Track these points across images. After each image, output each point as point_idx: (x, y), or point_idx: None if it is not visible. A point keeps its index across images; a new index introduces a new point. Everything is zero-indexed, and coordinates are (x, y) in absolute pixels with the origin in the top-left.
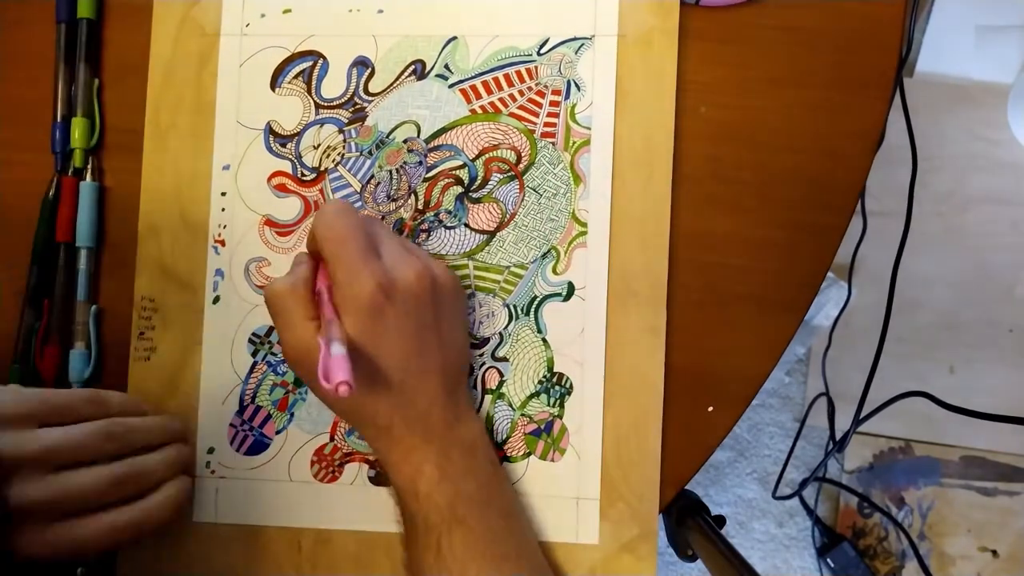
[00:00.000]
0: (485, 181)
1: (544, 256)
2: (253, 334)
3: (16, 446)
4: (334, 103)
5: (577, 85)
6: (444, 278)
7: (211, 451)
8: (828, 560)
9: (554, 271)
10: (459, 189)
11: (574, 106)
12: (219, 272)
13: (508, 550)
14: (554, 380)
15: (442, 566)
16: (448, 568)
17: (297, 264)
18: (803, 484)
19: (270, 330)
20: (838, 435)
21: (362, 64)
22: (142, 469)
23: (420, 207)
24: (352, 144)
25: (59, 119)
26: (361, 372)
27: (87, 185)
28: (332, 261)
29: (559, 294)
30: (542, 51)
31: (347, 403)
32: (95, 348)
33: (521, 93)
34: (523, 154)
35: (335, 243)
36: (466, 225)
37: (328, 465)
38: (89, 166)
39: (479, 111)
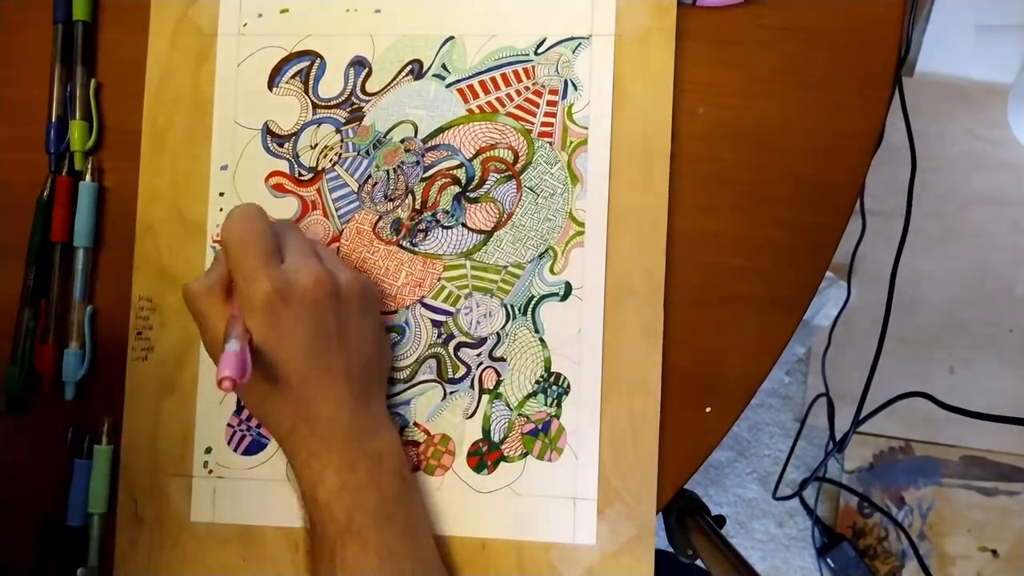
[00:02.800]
0: (482, 181)
1: (541, 256)
2: None
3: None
4: (331, 103)
5: (574, 85)
6: (349, 284)
7: (208, 451)
8: (828, 560)
9: (551, 271)
10: (456, 189)
11: (571, 106)
12: None
13: (404, 568)
14: (551, 380)
15: None
16: None
17: (216, 263)
18: (803, 484)
19: None
20: (838, 435)
21: (359, 64)
22: None
23: (417, 207)
24: (349, 144)
25: (54, 119)
26: (260, 374)
27: (86, 185)
28: (232, 264)
29: (556, 294)
30: (539, 51)
31: (252, 404)
32: (89, 348)
33: (518, 93)
34: (520, 154)
35: (235, 247)
36: (463, 225)
37: None
38: (88, 166)
39: (476, 111)
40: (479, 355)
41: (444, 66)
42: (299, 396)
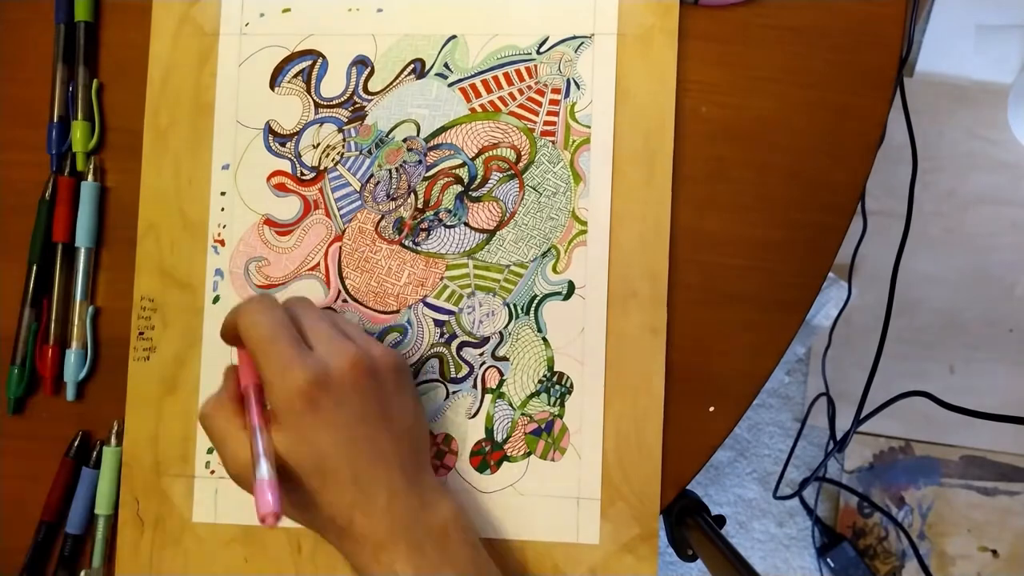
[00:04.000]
0: (485, 180)
1: (544, 255)
2: None
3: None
4: (333, 102)
5: (577, 84)
6: (384, 359)
7: (211, 451)
8: (828, 560)
9: (554, 270)
10: (459, 188)
11: (574, 105)
12: (219, 272)
13: None
14: (554, 379)
15: None
16: None
17: (225, 378)
18: (803, 484)
19: None
20: (838, 435)
21: (361, 63)
22: None
23: (420, 206)
24: (352, 143)
25: (56, 120)
26: (308, 472)
27: (88, 185)
28: (261, 361)
29: (559, 293)
30: (541, 50)
31: (299, 506)
32: (91, 348)
33: (521, 92)
34: (523, 153)
35: (261, 342)
36: (466, 224)
37: None
38: (91, 166)
39: (479, 110)
40: (482, 354)
41: (446, 65)
42: (352, 488)
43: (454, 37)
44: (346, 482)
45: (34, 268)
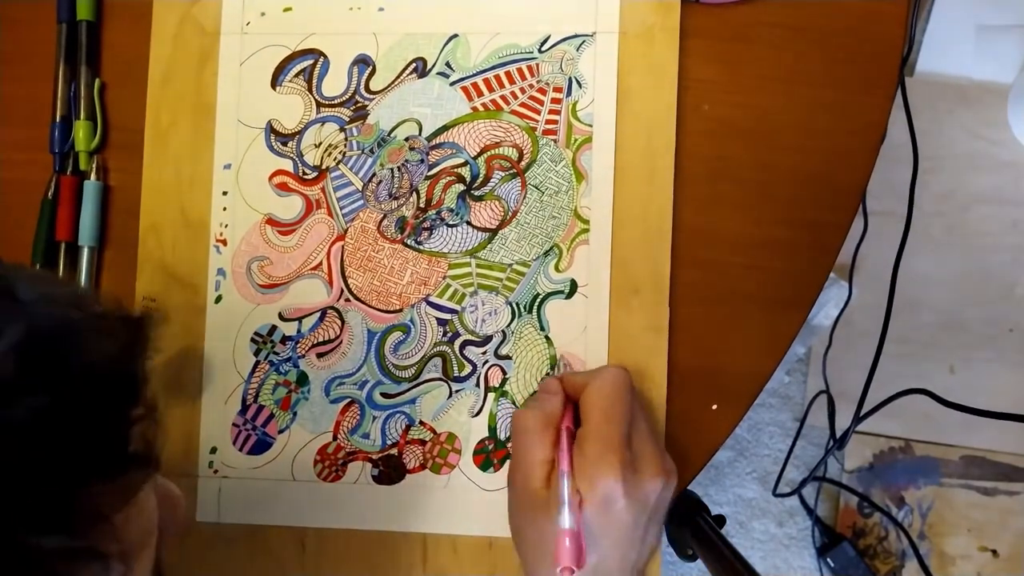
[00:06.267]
0: (487, 179)
1: (546, 254)
2: (256, 333)
3: None
4: (335, 101)
5: (578, 82)
6: (674, 478)
7: (214, 451)
8: (828, 560)
9: (556, 269)
10: (461, 187)
11: (576, 103)
12: (221, 271)
13: None
14: None
15: None
16: None
17: (547, 392)
18: (803, 483)
19: (272, 329)
20: (838, 434)
21: (363, 62)
22: None
23: (422, 205)
24: (353, 142)
25: (58, 119)
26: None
27: (91, 185)
28: (592, 431)
29: (561, 292)
30: (543, 48)
31: (527, 549)
32: None
33: (523, 90)
34: (525, 151)
35: (604, 414)
36: (468, 223)
37: (331, 464)
38: (94, 165)
39: (480, 109)
40: (485, 353)
41: (448, 64)
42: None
43: (456, 36)
44: (589, 568)
45: (37, 267)
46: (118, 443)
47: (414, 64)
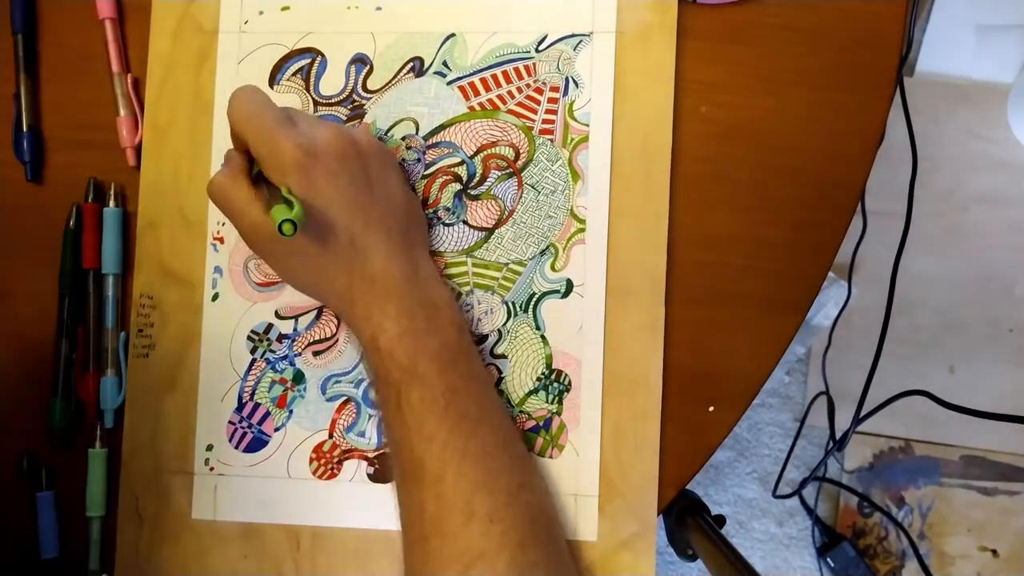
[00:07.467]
0: (483, 178)
1: (542, 253)
2: (252, 331)
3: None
4: (332, 100)
5: (575, 82)
6: (365, 140)
7: (210, 448)
8: (828, 560)
9: (552, 268)
10: (457, 186)
11: (572, 103)
12: (218, 269)
13: (469, 409)
14: (552, 377)
15: (401, 420)
16: (406, 422)
17: (229, 159)
18: (803, 483)
19: (269, 327)
20: (838, 434)
21: (360, 61)
22: None
23: None
24: None
25: (25, 129)
26: (310, 237)
27: (111, 212)
28: (251, 139)
29: (557, 291)
30: (540, 48)
31: (304, 271)
32: (125, 375)
33: (519, 90)
34: (521, 151)
35: (250, 121)
36: (464, 222)
37: (327, 462)
38: (112, 191)
39: (477, 108)
40: (480, 352)
41: (445, 63)
42: (349, 251)
43: (453, 35)
44: (344, 246)
45: (66, 300)
46: None
47: (411, 63)
